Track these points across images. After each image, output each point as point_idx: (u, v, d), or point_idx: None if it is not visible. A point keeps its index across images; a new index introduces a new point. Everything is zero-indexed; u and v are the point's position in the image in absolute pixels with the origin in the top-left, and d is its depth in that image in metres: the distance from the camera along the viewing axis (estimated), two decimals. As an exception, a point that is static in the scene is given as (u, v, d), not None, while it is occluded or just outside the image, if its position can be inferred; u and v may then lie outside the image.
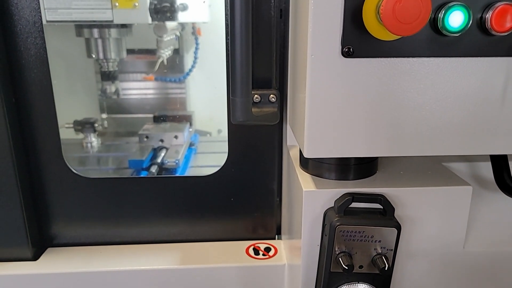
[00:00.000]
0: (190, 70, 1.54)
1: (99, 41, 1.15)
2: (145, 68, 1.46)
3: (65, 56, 1.22)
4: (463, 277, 0.52)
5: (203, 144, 1.35)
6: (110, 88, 1.24)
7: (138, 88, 1.48)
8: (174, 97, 1.50)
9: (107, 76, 1.23)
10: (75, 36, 1.15)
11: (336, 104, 0.43)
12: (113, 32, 1.15)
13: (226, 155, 0.71)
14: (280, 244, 0.73)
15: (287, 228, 0.67)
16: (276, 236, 0.77)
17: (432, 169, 0.54)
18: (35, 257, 0.69)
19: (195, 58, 1.54)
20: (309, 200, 0.48)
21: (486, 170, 0.57)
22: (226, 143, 0.70)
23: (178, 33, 1.36)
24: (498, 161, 0.49)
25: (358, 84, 0.43)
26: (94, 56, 1.16)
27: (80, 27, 1.13)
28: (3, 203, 0.66)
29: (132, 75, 1.47)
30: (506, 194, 0.50)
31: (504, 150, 0.46)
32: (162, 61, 1.27)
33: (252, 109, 0.57)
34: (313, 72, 0.42)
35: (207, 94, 1.54)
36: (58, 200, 0.70)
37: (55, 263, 0.68)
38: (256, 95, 0.61)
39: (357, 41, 0.41)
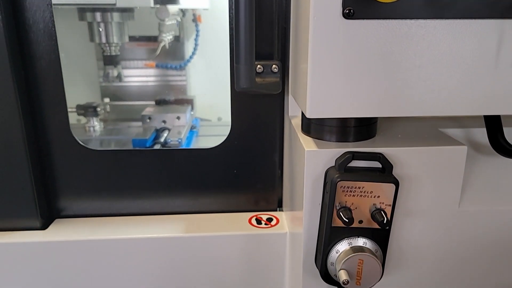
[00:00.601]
0: (191, 57, 1.56)
1: (102, 25, 1.16)
2: (145, 56, 1.48)
3: (67, 43, 1.24)
4: (458, 234, 0.54)
5: (204, 128, 1.37)
6: (113, 72, 1.26)
7: (139, 76, 1.50)
8: (175, 84, 1.52)
9: (110, 60, 1.25)
10: (73, 22, 1.17)
11: (337, 64, 0.45)
12: (116, 16, 1.17)
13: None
14: (281, 215, 0.76)
15: (289, 198, 0.69)
16: (278, 209, 0.79)
17: (428, 133, 0.56)
18: (43, 227, 0.71)
19: (196, 45, 1.56)
20: (311, 160, 0.50)
21: (480, 135, 0.60)
22: (226, 128, 0.72)
23: (179, 19, 1.38)
24: (492, 122, 0.51)
25: (358, 45, 0.45)
26: (96, 40, 1.18)
27: (83, 11, 1.15)
28: (14, 175, 0.67)
29: (133, 62, 1.49)
30: (500, 154, 0.52)
31: (497, 111, 0.48)
32: (164, 46, 1.29)
33: (256, 79, 0.59)
34: (315, 34, 0.44)
35: (207, 82, 1.56)
36: (66, 172, 0.72)
37: (63, 232, 0.70)
38: (259, 66, 0.63)
39: (357, 3, 0.43)
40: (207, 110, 1.57)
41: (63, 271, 0.69)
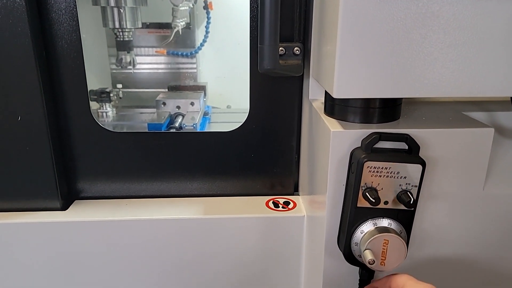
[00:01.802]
0: (202, 45, 1.55)
1: (115, 10, 1.16)
2: (156, 43, 1.47)
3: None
4: (481, 218, 0.54)
5: (215, 115, 1.37)
6: (126, 58, 1.26)
7: (150, 63, 1.49)
8: (185, 71, 1.52)
9: (123, 46, 1.24)
10: (85, 7, 1.16)
11: (366, 44, 0.45)
12: (129, 1, 1.16)
13: (238, 125, 0.73)
14: (298, 199, 0.76)
15: (307, 182, 0.69)
16: (294, 194, 0.79)
17: (453, 116, 0.56)
18: (63, 208, 0.72)
19: (207, 32, 1.55)
20: (336, 141, 0.50)
21: (504, 119, 0.59)
22: (236, 115, 0.72)
23: (191, 5, 1.37)
24: (519, 104, 0.51)
25: (388, 24, 0.44)
26: (110, 25, 1.18)
27: (97, -5, 1.14)
28: (36, 157, 0.68)
29: (144, 49, 1.48)
30: (526, 137, 0.51)
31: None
32: (177, 32, 1.28)
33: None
34: (345, 12, 0.44)
35: (217, 69, 1.55)
36: (86, 154, 0.72)
37: (83, 212, 0.70)
38: (281, 48, 0.62)
39: (388, -20, 0.43)
40: (217, 98, 1.58)
41: (83, 251, 0.70)
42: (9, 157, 0.67)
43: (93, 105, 1.27)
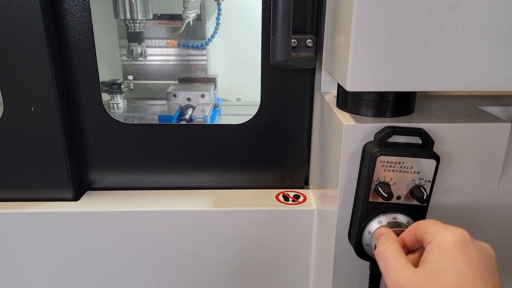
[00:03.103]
0: (212, 36, 1.55)
1: (127, 1, 1.16)
2: (167, 34, 1.47)
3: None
4: (496, 214, 0.54)
5: (225, 108, 1.37)
6: (137, 49, 1.26)
7: (160, 54, 1.49)
8: (195, 64, 1.52)
9: (134, 37, 1.24)
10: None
11: (381, 35, 0.44)
12: (140, -8, 1.16)
13: (248, 118, 0.73)
14: (308, 193, 0.76)
15: (318, 176, 0.69)
16: (304, 187, 0.79)
17: (468, 110, 0.55)
18: (75, 198, 0.72)
19: (217, 24, 1.54)
20: (349, 134, 0.49)
21: (522, 114, 0.58)
22: (245, 108, 0.72)
23: (202, -4, 1.36)
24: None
25: (403, 16, 0.43)
26: (121, 16, 1.18)
27: (108, -14, 1.14)
28: (48, 147, 0.68)
29: (155, 41, 1.48)
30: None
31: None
32: (188, 23, 1.28)
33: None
34: (360, 3, 0.43)
35: (227, 62, 1.55)
36: (97, 145, 0.73)
37: (95, 203, 0.71)
38: (293, 40, 0.62)
39: (405, -29, 0.42)
40: (227, 91, 1.57)
41: (94, 241, 0.70)
42: (22, 147, 0.68)
43: (104, 96, 1.27)
